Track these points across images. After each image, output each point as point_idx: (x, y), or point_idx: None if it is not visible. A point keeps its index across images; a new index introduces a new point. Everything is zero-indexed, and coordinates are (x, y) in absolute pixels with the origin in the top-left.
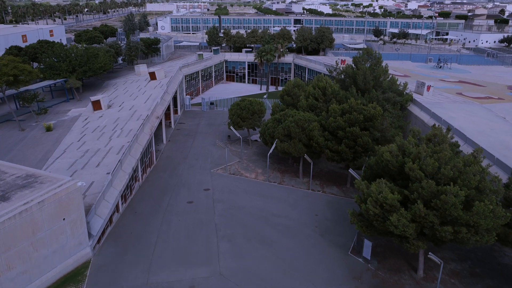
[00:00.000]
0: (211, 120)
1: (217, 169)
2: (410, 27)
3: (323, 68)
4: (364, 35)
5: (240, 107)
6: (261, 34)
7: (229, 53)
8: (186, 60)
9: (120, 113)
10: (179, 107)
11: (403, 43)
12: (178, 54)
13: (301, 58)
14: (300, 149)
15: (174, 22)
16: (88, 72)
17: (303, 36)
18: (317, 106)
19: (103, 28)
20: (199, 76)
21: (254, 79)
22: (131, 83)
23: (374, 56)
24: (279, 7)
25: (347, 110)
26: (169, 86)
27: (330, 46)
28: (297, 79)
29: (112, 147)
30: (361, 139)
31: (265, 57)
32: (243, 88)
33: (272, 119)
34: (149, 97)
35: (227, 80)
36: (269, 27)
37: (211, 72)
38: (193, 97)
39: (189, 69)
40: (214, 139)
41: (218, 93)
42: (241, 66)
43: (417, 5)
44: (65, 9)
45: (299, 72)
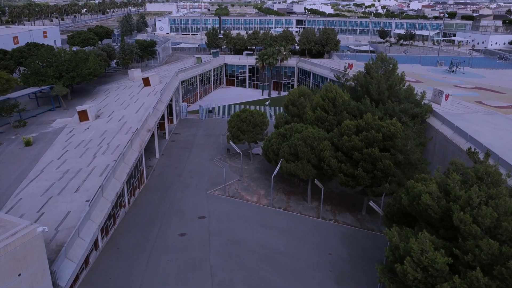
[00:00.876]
0: (209, 130)
1: (215, 190)
2: (416, 28)
3: (329, 73)
4: (369, 37)
5: (240, 118)
6: (262, 36)
7: (229, 56)
8: (184, 64)
9: (108, 125)
10: (174, 116)
11: (410, 45)
12: (175, 57)
13: (305, 61)
14: (309, 171)
15: (173, 23)
16: (76, 78)
17: (307, 38)
18: (326, 119)
19: (98, 30)
20: (197, 81)
21: (255, 84)
22: (123, 89)
23: (389, 62)
24: (280, 7)
25: (363, 127)
26: (163, 93)
27: (336, 48)
28: (302, 87)
29: (95, 167)
30: (381, 162)
31: (267, 61)
32: (244, 94)
33: (276, 134)
34: (141, 106)
35: (227, 84)
36: (271, 28)
37: (209, 77)
38: (190, 104)
39: (186, 74)
40: (212, 153)
41: (217, 99)
42: (241, 69)
43: (420, 5)
44: (62, 10)
45: (303, 77)
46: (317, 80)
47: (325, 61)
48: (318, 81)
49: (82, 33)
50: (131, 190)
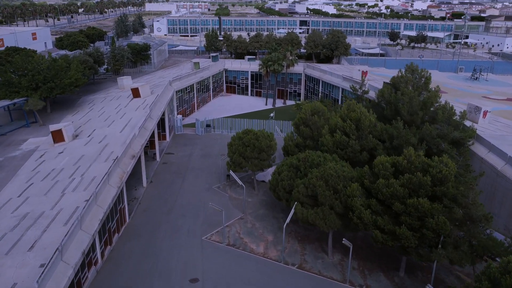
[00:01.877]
0: (207, 148)
1: (211, 235)
2: (426, 30)
3: (341, 82)
4: (377, 38)
5: (242, 142)
6: (265, 39)
7: (230, 61)
8: (180, 69)
9: (86, 148)
10: (167, 131)
11: (423, 48)
12: (172, 61)
13: (314, 68)
14: (332, 221)
15: (171, 24)
16: (55, 89)
17: (314, 42)
18: (348, 145)
19: (90, 31)
20: (194, 90)
21: (258, 91)
22: (110, 100)
23: (421, 74)
24: (282, 7)
25: (404, 166)
26: (154, 107)
27: (346, 53)
28: (316, 103)
29: (61, 210)
30: (432, 219)
31: (272, 67)
32: (246, 103)
33: (287, 165)
34: (128, 123)
35: (228, 92)
36: (273, 29)
37: (208, 84)
38: (185, 116)
39: (181, 83)
40: (210, 179)
41: (217, 110)
42: (243, 76)
43: (423, 5)
44: (57, 9)
45: (311, 84)
46: (327, 89)
47: (335, 67)
48: (329, 90)
49: (71, 35)
50: (107, 238)
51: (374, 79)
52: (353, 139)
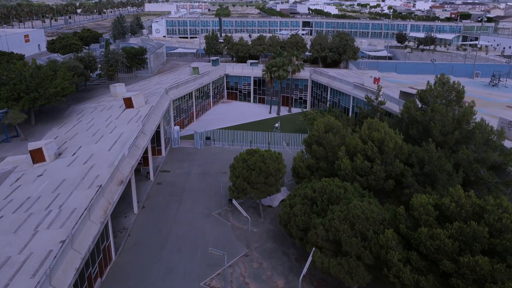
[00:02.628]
0: (206, 165)
1: (211, 279)
2: (434, 31)
3: (352, 89)
4: (383, 40)
5: (247, 165)
6: (269, 42)
7: (231, 65)
8: (179, 74)
9: (69, 171)
10: (163, 146)
11: (433, 51)
12: (170, 65)
13: (321, 73)
14: (360, 276)
15: (170, 25)
16: (39, 100)
17: (321, 45)
18: (371, 171)
19: (84, 34)
20: (193, 98)
21: (261, 98)
22: (101, 111)
23: (452, 88)
24: (283, 8)
25: (452, 212)
26: (147, 121)
27: (354, 57)
28: (330, 119)
29: (31, 254)
30: (495, 285)
31: (276, 74)
32: (248, 110)
33: (300, 196)
34: (118, 139)
35: (229, 98)
36: (275, 31)
37: (208, 91)
38: (183, 127)
39: (178, 91)
40: (209, 203)
41: (217, 119)
42: (245, 81)
43: (426, 5)
44: (54, 10)
45: (318, 91)
46: (337, 96)
47: (343, 72)
48: (338, 98)
49: (64, 38)
50: (87, 285)
51: (387, 86)
52: (376, 164)
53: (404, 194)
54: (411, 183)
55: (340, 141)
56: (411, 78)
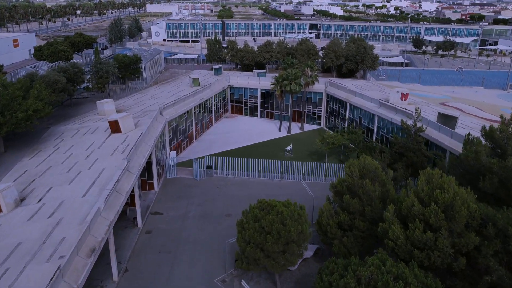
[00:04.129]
0: (207, 203)
1: None
2: (450, 34)
3: (376, 107)
4: (396, 44)
5: (260, 226)
6: (276, 48)
7: (235, 76)
8: (177, 85)
9: (29, 227)
10: (155, 178)
11: (453, 56)
12: (169, 73)
13: (339, 86)
14: None
15: (170, 28)
16: (5, 126)
17: (335, 53)
18: (435, 245)
19: (76, 39)
20: (192, 116)
21: (270, 113)
22: (83, 135)
23: None
24: (287, 9)
25: None
26: (135, 153)
27: (373, 66)
28: (367, 159)
29: None
30: None
31: (288, 87)
32: (255, 127)
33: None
34: (97, 179)
35: (233, 112)
36: (281, 33)
37: (210, 106)
38: (181, 150)
39: (175, 110)
40: (210, 265)
41: (220, 140)
42: (251, 94)
43: (434, 6)
44: (51, 11)
45: (334, 107)
46: (357, 114)
47: (362, 84)
48: (359, 117)
49: (52, 44)
50: None
51: (414, 102)
52: (443, 236)
53: (484, 282)
54: (494, 268)
55: (381, 190)
56: (438, 91)
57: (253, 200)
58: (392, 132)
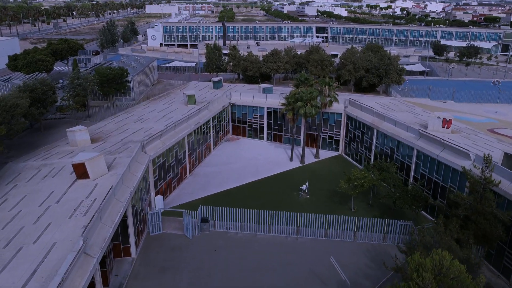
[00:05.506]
0: (202, 279)
1: None
2: (468, 38)
3: (414, 138)
4: (411, 49)
5: None
6: (284, 57)
7: (237, 90)
8: (170, 102)
9: None
10: (132, 241)
11: (479, 64)
12: (161, 87)
13: (363, 107)
14: None
15: (167, 31)
16: None
17: (354, 64)
18: None
19: (58, 46)
20: (185, 146)
21: (278, 135)
22: (42, 179)
23: None
24: (290, 9)
25: None
26: (98, 220)
27: (399, 81)
28: (444, 258)
29: None
30: None
31: (302, 110)
32: (261, 155)
33: None
34: (39, 266)
35: (235, 133)
36: (286, 37)
37: (207, 131)
38: (170, 191)
39: (163, 143)
40: None
41: (219, 172)
42: (256, 113)
43: (439, 7)
44: (44, 12)
45: (357, 132)
46: (387, 143)
47: (388, 102)
48: (390, 147)
49: (29, 53)
50: None
51: (458, 129)
52: None
53: None
54: None
55: None
56: (477, 110)
57: (261, 273)
58: (437, 171)
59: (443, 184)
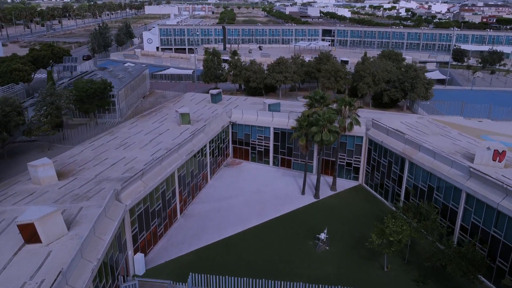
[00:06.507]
0: None
1: None
2: (486, 42)
3: (462, 178)
4: (426, 53)
5: None
6: (291, 66)
7: (238, 106)
8: (161, 120)
9: None
10: None
11: (505, 72)
12: (153, 99)
13: (390, 132)
14: None
15: (164, 34)
16: None
17: (374, 76)
18: None
19: (41, 52)
20: (175, 182)
21: (286, 160)
22: None
23: None
24: (292, 10)
25: None
26: None
27: (427, 96)
28: None
29: None
30: None
31: (318, 138)
32: (268, 186)
33: None
34: None
35: (236, 156)
36: (290, 40)
37: (203, 159)
38: (155, 240)
39: (145, 185)
40: None
41: (216, 213)
42: (261, 134)
43: (444, 7)
44: (37, 14)
45: (382, 160)
46: (423, 179)
47: (414, 121)
48: (427, 184)
49: (5, 61)
50: None
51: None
52: None
53: None
54: None
55: None
56: None
57: None
58: (497, 224)
59: (506, 242)
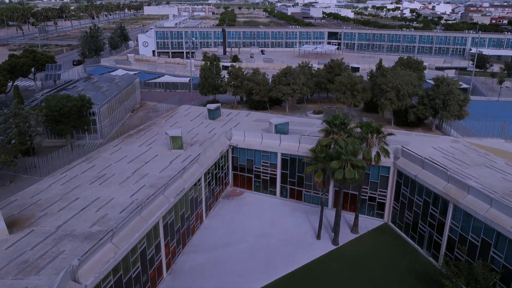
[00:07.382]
0: None
1: None
2: (504, 46)
3: None
4: (441, 58)
5: None
6: (301, 79)
7: (239, 119)
8: (149, 144)
9: None
10: None
11: None
12: (143, 114)
13: (425, 164)
14: None
15: (160, 37)
16: None
17: (398, 91)
18: None
19: (21, 59)
20: (159, 235)
21: (297, 191)
22: None
23: None
24: (294, 11)
25: None
26: None
27: (461, 115)
28: None
29: None
30: None
31: (339, 175)
32: (275, 225)
33: None
34: None
35: (236, 184)
36: (294, 43)
37: (197, 195)
38: None
39: (116, 251)
40: None
41: (212, 267)
42: (266, 160)
43: (448, 8)
44: (29, 15)
45: (416, 199)
46: (475, 230)
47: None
48: (480, 236)
49: None
50: None
51: None
52: None
53: None
54: None
55: None
56: None
57: None
58: None
59: None
